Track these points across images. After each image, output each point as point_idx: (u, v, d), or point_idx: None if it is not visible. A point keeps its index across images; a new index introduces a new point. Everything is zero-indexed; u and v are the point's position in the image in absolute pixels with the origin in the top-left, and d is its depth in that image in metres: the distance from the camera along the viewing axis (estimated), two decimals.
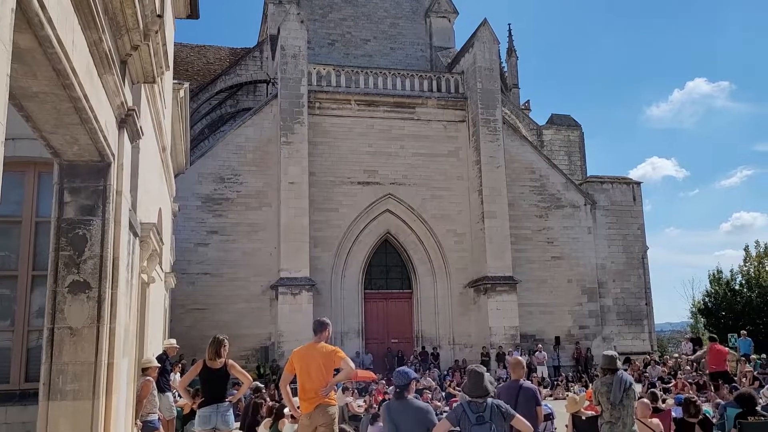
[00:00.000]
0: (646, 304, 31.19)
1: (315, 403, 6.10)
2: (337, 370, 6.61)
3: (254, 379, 18.20)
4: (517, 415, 5.20)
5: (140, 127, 5.81)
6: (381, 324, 28.98)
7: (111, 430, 5.12)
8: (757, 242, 35.35)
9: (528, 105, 44.14)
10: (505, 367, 25.39)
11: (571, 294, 30.12)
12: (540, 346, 27.05)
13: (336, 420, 6.20)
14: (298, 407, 6.37)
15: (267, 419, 9.20)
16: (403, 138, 29.29)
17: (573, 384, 21.82)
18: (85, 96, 4.05)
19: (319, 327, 6.56)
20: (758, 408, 8.40)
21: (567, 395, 20.59)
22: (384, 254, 29.74)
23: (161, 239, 9.00)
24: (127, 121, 5.42)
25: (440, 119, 30.03)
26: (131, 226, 6.49)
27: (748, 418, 8.04)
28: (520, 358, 6.83)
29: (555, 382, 22.59)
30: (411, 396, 5.34)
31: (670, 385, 19.57)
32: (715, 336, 19.34)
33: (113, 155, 5.15)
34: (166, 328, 15.89)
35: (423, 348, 28.20)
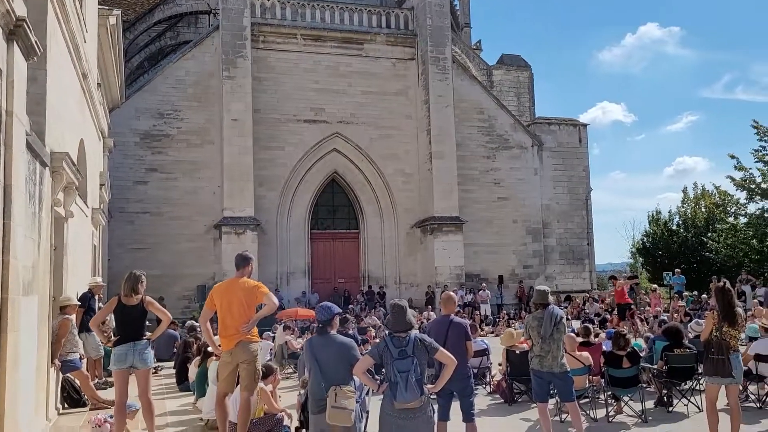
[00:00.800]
0: (588, 244, 31.90)
1: (236, 340, 5.86)
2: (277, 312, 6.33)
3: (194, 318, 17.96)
4: (441, 349, 5.06)
5: (35, 42, 5.23)
6: (328, 264, 28.88)
7: (8, 369, 4.76)
8: (695, 184, 36.35)
9: (479, 45, 43.55)
10: None
11: (516, 234, 30.51)
12: (484, 285, 27.46)
13: (258, 357, 5.99)
14: (220, 345, 6.12)
15: (197, 358, 8.97)
16: (350, 75, 28.54)
17: (514, 321, 22.27)
18: None
19: (242, 262, 6.26)
20: (685, 341, 8.58)
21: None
22: (331, 194, 29.38)
23: (79, 171, 8.43)
24: (17, 33, 4.85)
25: (389, 56, 29.31)
26: (34, 154, 5.96)
27: (675, 350, 8.21)
28: (451, 293, 6.69)
29: (497, 320, 22.99)
30: (334, 331, 5.13)
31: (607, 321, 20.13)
32: (616, 276, 20.63)
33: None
34: (98, 267, 15.33)
35: (369, 287, 28.32)
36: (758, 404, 8.28)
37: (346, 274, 29.08)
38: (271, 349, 13.52)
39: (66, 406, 8.82)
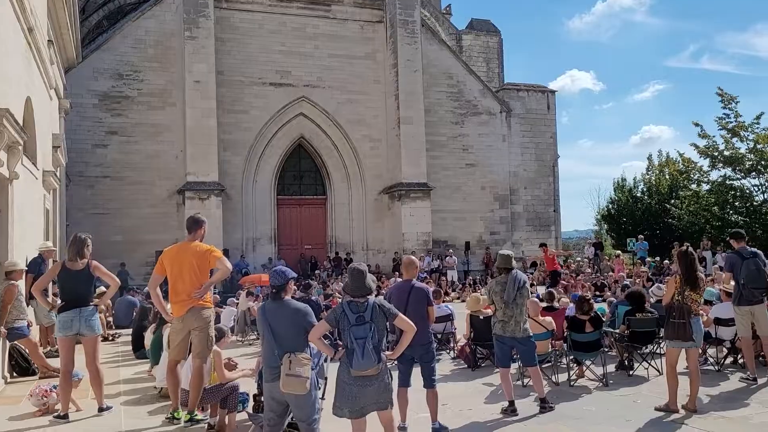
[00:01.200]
0: (554, 210, 32.13)
1: (187, 306, 5.61)
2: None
3: None
4: (400, 315, 4.89)
5: None
6: (294, 230, 28.59)
7: None
8: (660, 152, 36.79)
9: (449, 9, 42.97)
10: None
11: (484, 201, 30.54)
12: (451, 251, 27.50)
13: (211, 323, 5.75)
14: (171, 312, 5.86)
15: (152, 324, 8.70)
16: (317, 38, 27.90)
17: (480, 287, 22.37)
18: None
19: (194, 225, 5.97)
20: (647, 306, 8.59)
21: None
22: (298, 159, 28.95)
23: (24, 130, 7.96)
24: None
25: (357, 19, 28.69)
26: None
27: (637, 314, 8.20)
28: (413, 258, 6.51)
29: (464, 285, 23.06)
30: (288, 297, 4.90)
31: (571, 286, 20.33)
32: (546, 243, 21.03)
33: None
34: (54, 232, 14.82)
35: (336, 254, 28.17)
36: (717, 367, 8.35)
37: (313, 241, 28.85)
38: (234, 316, 13.30)
39: (15, 374, 8.51)
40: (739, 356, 8.39)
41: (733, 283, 7.72)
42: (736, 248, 7.79)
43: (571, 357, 8.05)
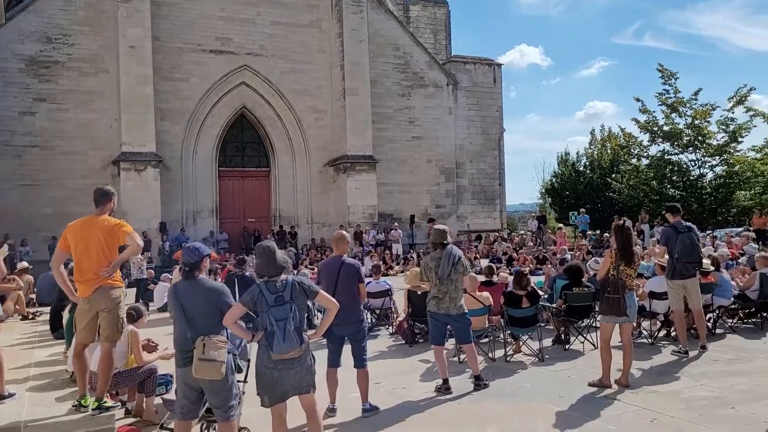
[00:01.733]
0: (500, 184, 32.31)
1: (94, 285, 5.17)
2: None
3: None
4: (321, 292, 4.59)
5: None
6: (237, 202, 27.91)
7: None
8: (602, 126, 37.37)
9: None
10: (362, 245, 25.55)
11: (430, 174, 30.44)
12: (396, 224, 27.34)
13: (121, 304, 5.34)
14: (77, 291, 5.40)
15: (68, 304, 8.16)
16: (259, 4, 26.97)
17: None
18: None
19: (102, 197, 5.50)
20: (584, 279, 8.54)
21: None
22: (240, 130, 28.16)
23: None
24: None
25: None
26: None
27: (574, 288, 8.14)
28: (343, 233, 6.21)
29: (406, 258, 22.94)
30: (203, 275, 4.54)
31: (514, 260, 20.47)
32: (434, 218, 21.20)
33: None
34: None
35: (281, 227, 27.67)
36: (650, 340, 8.40)
37: (257, 214, 28.26)
38: (167, 292, 12.76)
39: None
40: (672, 329, 8.45)
41: (667, 257, 7.70)
42: (672, 222, 7.77)
43: (508, 332, 7.94)
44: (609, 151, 31.52)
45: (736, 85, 23.02)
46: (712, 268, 8.61)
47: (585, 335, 8.21)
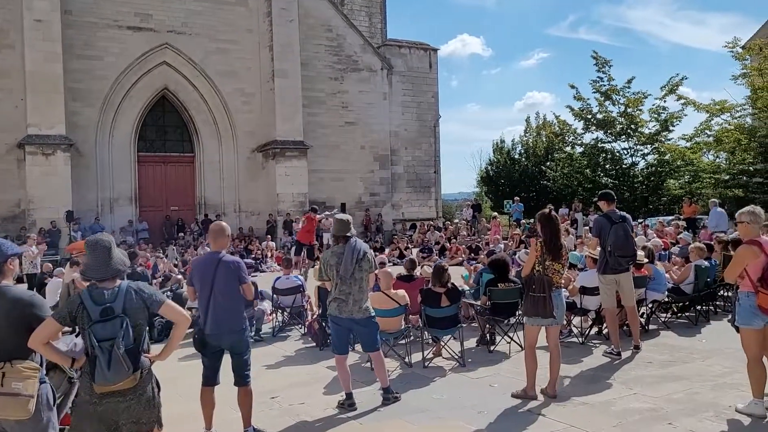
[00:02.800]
0: (435, 172, 31.70)
1: None
2: None
3: None
4: (167, 302, 3.58)
5: None
6: (158, 190, 26.34)
7: None
8: (537, 114, 37.20)
9: None
10: (291, 234, 24.46)
11: (364, 161, 29.53)
12: (327, 213, 26.24)
13: None
14: None
15: None
16: None
17: None
18: None
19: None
20: (512, 274, 7.80)
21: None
22: (162, 113, 26.54)
23: None
24: None
25: None
26: None
27: (499, 284, 7.38)
28: (224, 224, 5.20)
29: None
30: (7, 282, 3.47)
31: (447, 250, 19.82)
32: (316, 207, 20.53)
33: None
34: None
35: (206, 215, 26.29)
36: (581, 339, 7.74)
37: (180, 201, 26.77)
38: (59, 290, 11.45)
39: None
40: (604, 326, 7.83)
41: (599, 249, 7.02)
42: (605, 211, 7.04)
43: (427, 334, 7.12)
44: (544, 139, 31.32)
45: (665, 78, 23.06)
46: (646, 260, 7.99)
47: (511, 336, 7.46)
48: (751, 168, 20.55)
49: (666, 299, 8.40)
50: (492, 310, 7.36)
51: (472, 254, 18.76)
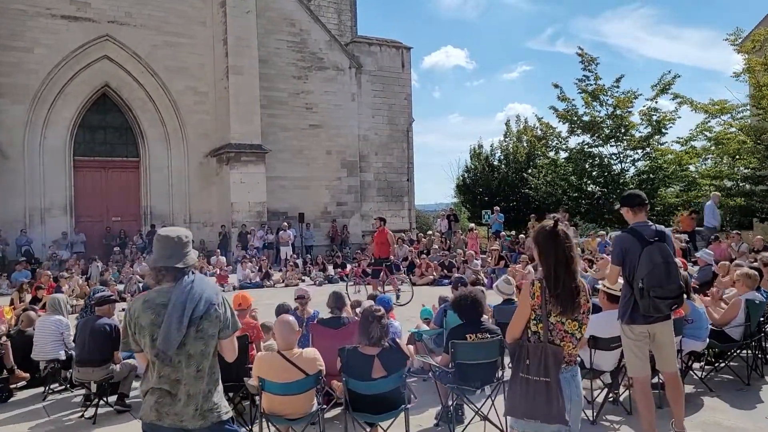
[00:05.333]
0: (408, 180, 29.29)
1: None
2: None
3: None
4: None
5: None
6: (98, 199, 23.63)
7: None
8: (518, 117, 34.88)
9: None
10: (245, 248, 21.85)
11: (330, 167, 27.05)
12: (286, 224, 23.69)
13: None
14: None
15: None
16: None
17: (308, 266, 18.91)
18: None
19: None
20: (487, 317, 5.29)
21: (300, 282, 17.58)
22: (103, 113, 23.88)
23: None
24: None
25: None
26: None
27: (468, 336, 4.85)
28: None
29: (289, 264, 19.16)
30: None
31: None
32: (383, 217, 17.45)
33: None
34: None
35: (153, 227, 23.59)
36: (592, 415, 5.20)
37: (123, 211, 24.08)
38: None
39: None
40: (623, 392, 5.37)
41: (621, 281, 4.56)
42: (632, 224, 4.52)
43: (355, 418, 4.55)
44: (525, 145, 28.97)
45: (641, 91, 20.83)
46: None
47: (486, 414, 4.88)
48: (756, 174, 18.34)
49: (705, 349, 5.94)
50: (457, 373, 4.82)
51: (445, 272, 16.31)
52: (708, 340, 5.78)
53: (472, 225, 22.95)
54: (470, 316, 4.93)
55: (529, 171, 25.88)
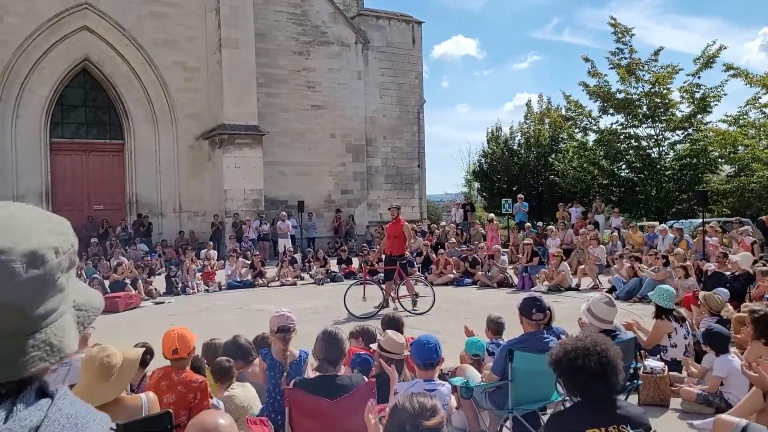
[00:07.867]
0: (419, 166, 26.96)
1: None
2: None
3: None
4: None
5: None
6: (78, 185, 21.55)
7: None
8: (540, 96, 32.35)
9: None
10: (240, 241, 19.62)
11: (335, 152, 24.78)
12: (285, 213, 21.39)
13: None
14: None
15: None
16: None
17: (313, 263, 16.62)
18: None
19: None
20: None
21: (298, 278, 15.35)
22: (83, 90, 21.76)
23: None
24: None
25: None
26: None
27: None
28: None
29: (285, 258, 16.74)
30: None
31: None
32: (398, 205, 14.22)
33: None
34: None
35: (139, 216, 21.53)
36: None
37: (107, 199, 21.98)
38: None
39: None
40: None
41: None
42: None
43: None
44: (548, 128, 26.50)
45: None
46: None
47: None
48: None
49: None
50: None
51: (468, 268, 13.97)
52: None
53: (492, 215, 20.61)
54: (596, 391, 2.53)
55: (554, 156, 23.48)
